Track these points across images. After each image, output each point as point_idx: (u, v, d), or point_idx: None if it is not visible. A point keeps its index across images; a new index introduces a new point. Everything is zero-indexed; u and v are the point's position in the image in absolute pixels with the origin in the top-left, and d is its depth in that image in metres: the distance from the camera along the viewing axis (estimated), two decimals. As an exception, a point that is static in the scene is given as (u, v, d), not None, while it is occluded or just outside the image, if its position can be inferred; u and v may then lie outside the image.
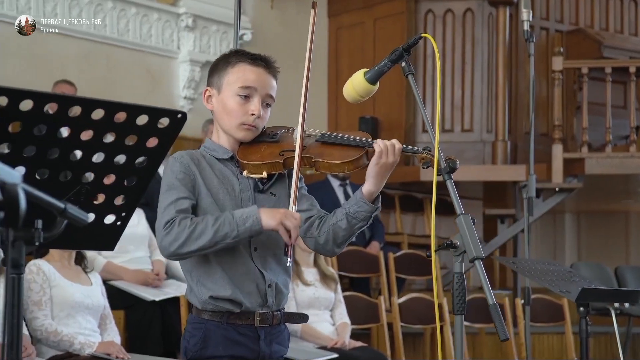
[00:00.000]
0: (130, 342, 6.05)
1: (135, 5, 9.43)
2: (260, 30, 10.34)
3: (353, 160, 3.06)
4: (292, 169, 3.11)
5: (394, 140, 3.07)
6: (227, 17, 9.99)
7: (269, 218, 2.93)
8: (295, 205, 3.00)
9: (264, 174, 3.10)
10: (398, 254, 8.46)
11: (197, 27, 9.83)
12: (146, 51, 9.33)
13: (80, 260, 5.42)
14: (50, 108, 2.02)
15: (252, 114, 3.12)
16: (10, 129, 2.01)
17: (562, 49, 9.57)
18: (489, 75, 10.17)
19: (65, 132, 2.07)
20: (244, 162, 3.11)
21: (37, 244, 2.06)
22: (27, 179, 1.96)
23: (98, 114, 2.09)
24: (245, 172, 3.11)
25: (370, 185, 3.06)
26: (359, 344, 6.37)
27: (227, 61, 3.19)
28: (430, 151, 3.00)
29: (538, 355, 8.78)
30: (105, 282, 6.00)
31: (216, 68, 3.22)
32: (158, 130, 2.20)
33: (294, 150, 3.08)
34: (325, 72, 11.22)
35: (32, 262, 5.25)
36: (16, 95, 1.95)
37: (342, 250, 3.22)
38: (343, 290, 7.76)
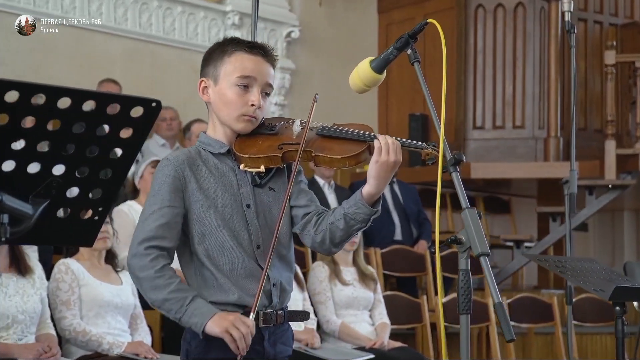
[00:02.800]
0: (167, 343, 5.98)
1: (181, 3, 9.39)
2: (308, 28, 10.24)
3: (354, 155, 2.90)
4: (292, 162, 2.99)
5: (393, 138, 2.90)
6: (274, 15, 9.94)
7: (215, 324, 2.83)
8: (280, 222, 2.90)
9: (262, 168, 2.97)
10: (445, 252, 8.31)
11: (244, 25, 9.75)
12: (192, 50, 9.27)
13: (110, 259, 5.36)
14: (11, 96, 1.93)
15: (252, 105, 2.98)
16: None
17: (614, 43, 9.33)
18: (541, 70, 9.97)
19: (29, 122, 1.98)
20: (241, 155, 2.97)
21: (3, 239, 1.98)
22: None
23: (64, 102, 1.99)
24: (242, 166, 2.97)
25: (370, 187, 2.89)
26: (398, 344, 6.24)
27: (223, 50, 3.04)
28: (435, 147, 2.84)
29: (591, 355, 8.56)
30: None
31: (211, 57, 3.07)
32: (132, 120, 2.10)
33: (293, 144, 2.95)
34: (376, 69, 11.07)
35: (61, 261, 5.21)
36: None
37: (339, 249, 3.06)
38: (390, 289, 7.65)
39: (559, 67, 9.74)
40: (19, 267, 4.90)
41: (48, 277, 5.19)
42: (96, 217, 2.22)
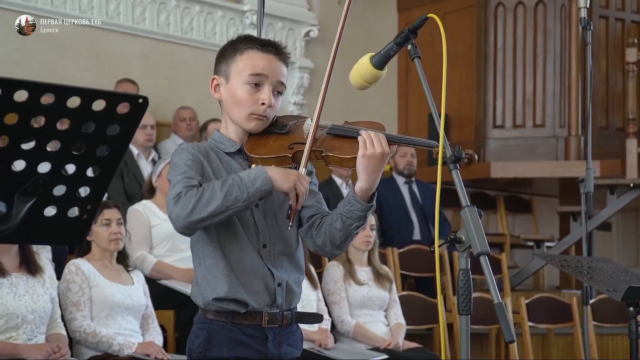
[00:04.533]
0: (181, 342, 5.95)
1: (199, 3, 9.37)
2: (326, 27, 10.19)
3: None
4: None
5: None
6: (293, 14, 9.90)
7: (282, 179, 2.75)
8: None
9: None
10: (463, 252, 8.24)
11: (263, 24, 9.70)
12: (210, 49, 9.22)
13: (122, 260, 5.34)
14: (-6, 93, 1.90)
15: (263, 104, 2.95)
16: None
17: (636, 40, 9.22)
18: (562, 68, 9.89)
19: (11, 119, 1.94)
20: (253, 155, 2.94)
21: (-17, 238, 1.95)
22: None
23: (48, 99, 1.95)
24: (253, 166, 2.95)
25: (360, 182, 2.85)
26: (413, 345, 6.18)
27: (235, 48, 3.02)
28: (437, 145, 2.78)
29: (612, 356, 8.47)
30: (155, 281, 5.93)
31: (224, 55, 3.05)
32: (118, 117, 2.05)
33: (304, 144, 2.90)
34: (395, 68, 11.03)
35: (72, 261, 5.19)
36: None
37: (342, 251, 3.01)
38: (408, 290, 7.59)
39: (580, 65, 9.64)
40: (29, 266, 4.88)
41: (61, 277, 5.19)
42: (85, 216, 2.17)
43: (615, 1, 10.24)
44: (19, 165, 2.01)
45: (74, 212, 2.17)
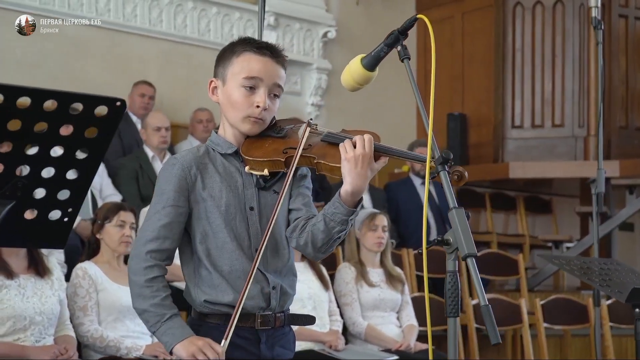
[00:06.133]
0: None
1: (216, 4, 9.38)
2: (345, 27, 10.19)
3: None
4: (297, 167, 2.95)
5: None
6: (310, 15, 9.90)
7: (182, 347, 2.84)
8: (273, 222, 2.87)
9: (266, 172, 2.93)
10: (479, 253, 8.21)
11: (280, 26, 9.74)
12: (227, 51, 9.25)
13: (130, 262, 5.34)
14: (-33, 97, 1.91)
15: (258, 106, 2.95)
16: None
17: (655, 39, 9.17)
18: (580, 68, 9.83)
19: (-12, 122, 1.95)
20: (247, 157, 2.95)
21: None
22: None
23: (24, 102, 1.96)
24: (247, 168, 2.96)
25: (345, 185, 2.81)
26: (425, 346, 6.16)
27: (232, 50, 3.02)
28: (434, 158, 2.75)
29: (631, 357, 8.40)
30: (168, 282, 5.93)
31: (222, 58, 3.05)
32: (96, 120, 2.06)
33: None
34: (414, 68, 11.01)
35: (79, 265, 5.22)
36: None
37: (324, 256, 3.00)
38: (423, 291, 7.57)
39: (599, 65, 9.56)
40: (38, 268, 4.91)
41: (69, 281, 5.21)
42: (66, 219, 2.19)
43: (635, 0, 10.16)
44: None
45: (55, 214, 2.18)
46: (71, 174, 2.12)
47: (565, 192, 10.94)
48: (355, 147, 2.79)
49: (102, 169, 7.45)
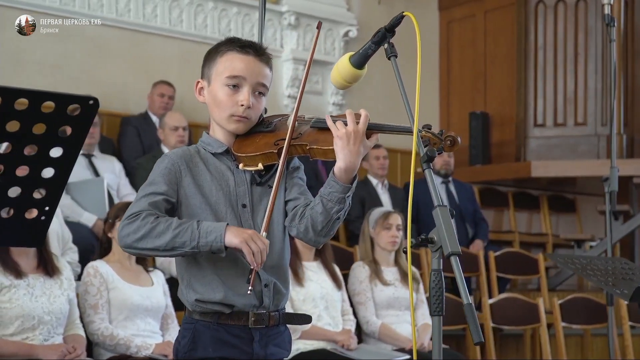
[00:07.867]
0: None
1: (236, 4, 9.39)
2: (366, 27, 10.16)
3: None
4: (290, 157, 2.97)
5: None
6: (331, 14, 9.89)
7: (233, 235, 2.74)
8: (266, 231, 2.84)
9: (260, 166, 2.94)
10: (498, 252, 8.18)
11: (300, 25, 9.73)
12: (248, 50, 9.26)
13: (141, 260, 5.36)
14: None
15: (242, 105, 2.95)
16: None
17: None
18: (604, 66, 9.75)
19: (-42, 121, 1.96)
20: (239, 155, 2.96)
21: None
22: None
23: (-6, 101, 1.97)
24: (241, 165, 2.96)
25: (338, 161, 2.80)
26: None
27: (217, 51, 3.03)
28: (429, 129, 2.76)
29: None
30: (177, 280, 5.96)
31: (207, 59, 3.07)
32: (69, 118, 2.07)
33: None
34: (437, 66, 10.99)
35: (90, 264, 5.23)
36: None
37: (326, 240, 2.95)
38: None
39: (622, 63, 9.52)
40: (47, 268, 4.93)
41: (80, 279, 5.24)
42: (43, 217, 2.19)
43: (656, -3, 10.10)
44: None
45: (31, 213, 2.18)
46: (46, 173, 2.12)
47: (589, 190, 10.86)
48: (344, 125, 2.78)
49: (119, 169, 7.48)
